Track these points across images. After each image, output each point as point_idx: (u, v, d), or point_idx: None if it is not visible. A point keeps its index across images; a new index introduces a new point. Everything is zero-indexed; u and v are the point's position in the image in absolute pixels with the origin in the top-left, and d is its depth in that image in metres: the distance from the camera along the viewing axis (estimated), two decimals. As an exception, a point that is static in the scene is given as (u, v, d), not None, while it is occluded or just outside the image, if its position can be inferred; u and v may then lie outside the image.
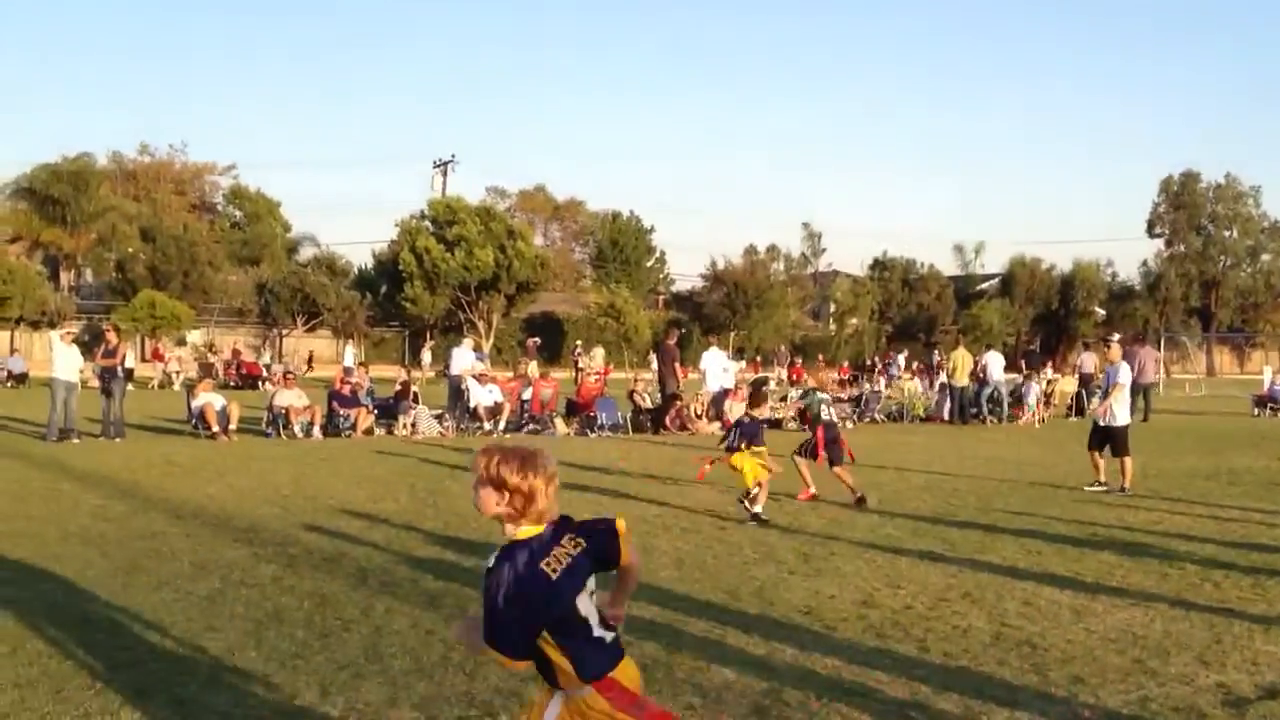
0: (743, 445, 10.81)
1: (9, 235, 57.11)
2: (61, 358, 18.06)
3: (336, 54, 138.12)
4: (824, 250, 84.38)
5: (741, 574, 8.09)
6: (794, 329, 67.75)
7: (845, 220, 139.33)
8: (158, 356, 40.39)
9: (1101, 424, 13.46)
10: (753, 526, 10.12)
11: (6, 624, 6.36)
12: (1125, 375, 13.50)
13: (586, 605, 3.14)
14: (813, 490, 11.84)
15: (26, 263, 52.25)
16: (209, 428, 18.26)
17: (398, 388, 20.97)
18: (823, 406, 12.17)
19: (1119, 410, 13.26)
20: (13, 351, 41.70)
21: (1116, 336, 14.79)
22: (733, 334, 59.72)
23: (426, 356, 44.31)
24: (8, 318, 46.18)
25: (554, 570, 3.06)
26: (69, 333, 19.15)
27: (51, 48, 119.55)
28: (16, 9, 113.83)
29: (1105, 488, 12.93)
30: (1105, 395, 13.57)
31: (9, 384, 36.19)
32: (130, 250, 56.16)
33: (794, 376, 34.84)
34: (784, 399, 24.31)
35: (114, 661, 5.66)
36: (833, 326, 73.36)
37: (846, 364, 48.31)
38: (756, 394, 12.42)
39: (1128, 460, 13.00)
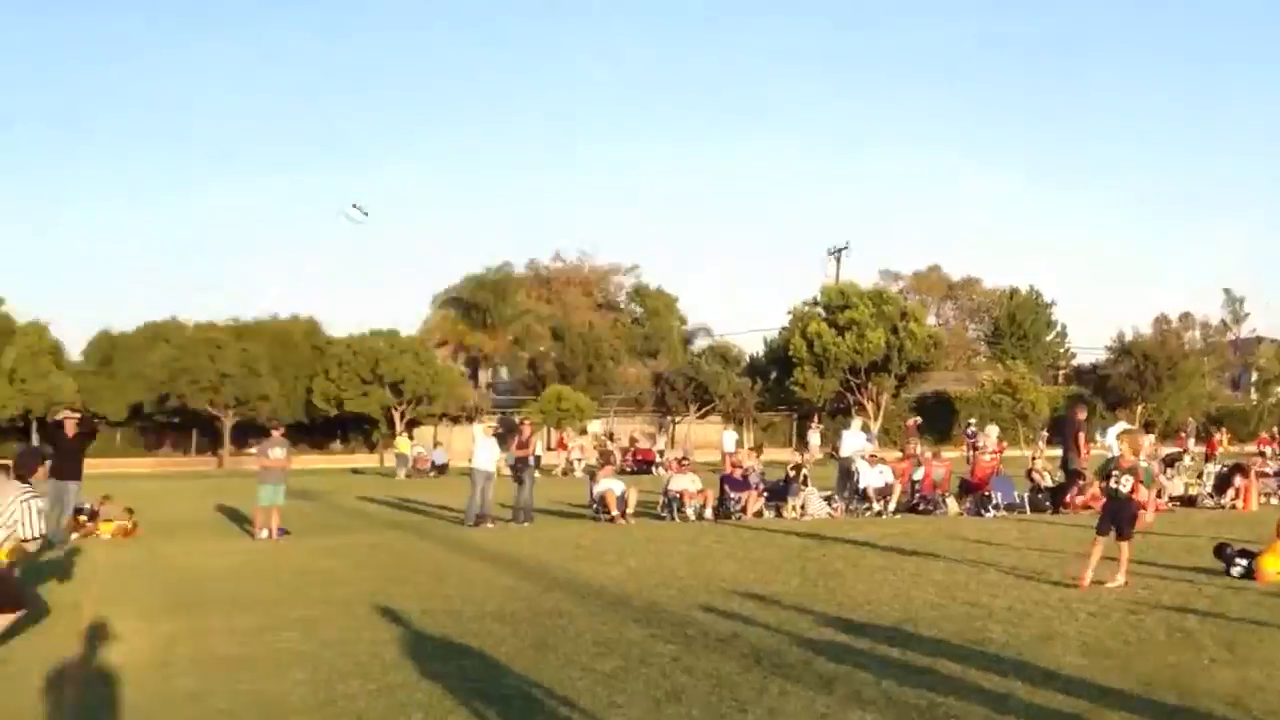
0: None
1: (437, 340, 63.38)
2: (482, 449, 19.64)
3: (726, 155, 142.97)
4: (1246, 315, 77.22)
5: (1157, 661, 7.38)
6: (1210, 400, 62.07)
7: (1270, 284, 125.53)
8: (562, 445, 43.07)
9: None
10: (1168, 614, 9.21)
11: (433, 696, 6.87)
12: None
13: None
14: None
15: (451, 364, 57.78)
16: (608, 511, 19.15)
17: (789, 471, 21.09)
18: (1114, 476, 11.02)
19: None
20: (436, 444, 45.98)
21: None
22: (1139, 407, 55.71)
23: (814, 438, 44.34)
24: (433, 414, 51.15)
25: None
26: (491, 426, 20.80)
27: (475, 169, 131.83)
28: (439, 142, 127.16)
29: None
30: None
31: (431, 473, 39.86)
32: (541, 349, 60.73)
33: (1210, 451, 31.78)
34: (1200, 475, 22.51)
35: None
36: (1254, 396, 66.56)
37: (1265, 434, 43.45)
38: None
39: None
